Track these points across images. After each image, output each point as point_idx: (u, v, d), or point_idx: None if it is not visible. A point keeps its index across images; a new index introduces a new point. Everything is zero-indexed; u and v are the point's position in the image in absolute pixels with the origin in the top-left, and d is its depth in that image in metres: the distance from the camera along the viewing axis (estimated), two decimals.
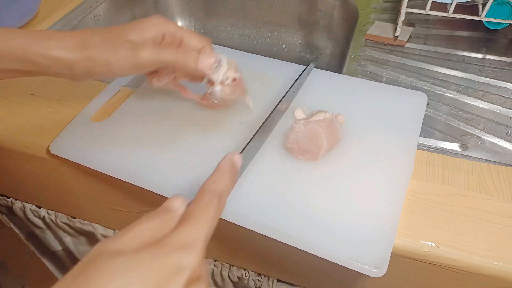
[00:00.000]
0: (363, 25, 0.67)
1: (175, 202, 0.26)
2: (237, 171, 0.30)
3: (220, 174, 0.28)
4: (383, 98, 0.49)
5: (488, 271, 0.37)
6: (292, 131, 0.41)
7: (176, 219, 0.25)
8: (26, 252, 0.79)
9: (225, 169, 0.28)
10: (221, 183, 0.27)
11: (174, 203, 0.26)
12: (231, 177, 0.28)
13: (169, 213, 0.25)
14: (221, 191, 0.27)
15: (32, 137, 0.48)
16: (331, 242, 0.35)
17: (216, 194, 0.26)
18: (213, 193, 0.26)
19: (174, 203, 0.26)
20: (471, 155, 0.45)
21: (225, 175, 0.28)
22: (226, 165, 0.29)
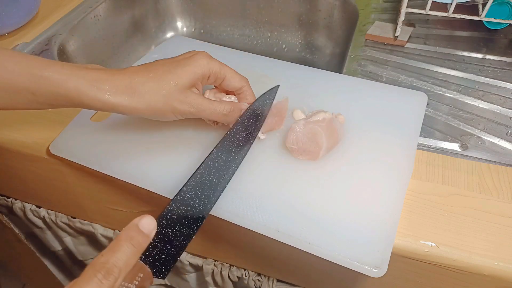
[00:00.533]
0: (363, 25, 0.67)
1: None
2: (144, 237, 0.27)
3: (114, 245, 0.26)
4: (383, 98, 0.49)
5: (488, 271, 0.37)
6: (292, 131, 0.41)
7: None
8: (26, 252, 0.79)
9: (121, 238, 0.26)
10: (113, 254, 0.25)
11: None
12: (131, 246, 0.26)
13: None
14: (113, 263, 0.25)
15: (32, 137, 0.48)
16: (331, 242, 0.35)
17: (103, 267, 0.24)
18: (98, 267, 0.24)
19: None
20: (471, 155, 0.45)
21: (119, 245, 0.26)
22: (123, 233, 0.27)
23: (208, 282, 0.59)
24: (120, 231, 0.59)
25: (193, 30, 0.92)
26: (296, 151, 0.41)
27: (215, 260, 0.56)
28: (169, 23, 0.90)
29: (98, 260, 0.25)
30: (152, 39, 0.87)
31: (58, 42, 0.64)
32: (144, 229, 0.27)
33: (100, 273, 0.24)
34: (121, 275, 0.25)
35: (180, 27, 0.91)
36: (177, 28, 0.91)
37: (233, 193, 0.39)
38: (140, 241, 0.27)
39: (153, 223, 0.28)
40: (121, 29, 0.79)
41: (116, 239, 0.26)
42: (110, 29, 0.76)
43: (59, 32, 0.66)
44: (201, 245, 0.54)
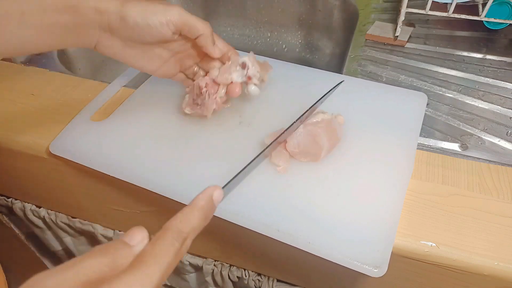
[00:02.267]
0: (363, 25, 0.67)
1: (135, 236, 0.24)
2: (214, 209, 0.27)
3: (191, 212, 0.25)
4: (383, 98, 0.49)
5: (488, 271, 0.37)
6: (292, 135, 0.41)
7: (131, 258, 0.23)
8: (26, 252, 0.79)
9: (199, 207, 0.26)
10: (190, 222, 0.25)
11: (135, 238, 0.24)
12: (204, 216, 0.26)
13: (125, 249, 0.23)
14: (188, 232, 0.24)
15: (32, 137, 0.48)
16: (331, 242, 0.35)
17: (181, 235, 0.24)
18: (177, 234, 0.24)
19: (134, 238, 0.24)
20: (471, 155, 0.45)
21: (197, 214, 0.25)
22: (202, 202, 0.26)
23: (208, 282, 0.59)
24: (120, 230, 0.59)
25: None
26: (298, 154, 0.41)
27: (215, 260, 0.56)
28: None
29: (176, 225, 0.24)
30: None
31: None
32: (216, 201, 0.27)
33: (178, 241, 0.24)
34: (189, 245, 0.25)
35: None
36: None
37: (233, 193, 0.39)
38: (210, 213, 0.27)
39: (222, 196, 0.28)
40: None
41: (192, 206, 0.26)
42: None
43: None
44: (201, 245, 0.54)
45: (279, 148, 0.42)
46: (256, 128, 0.46)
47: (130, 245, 0.23)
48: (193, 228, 0.25)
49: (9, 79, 0.56)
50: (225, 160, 0.42)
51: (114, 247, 0.23)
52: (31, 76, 0.57)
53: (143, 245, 0.24)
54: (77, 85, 0.55)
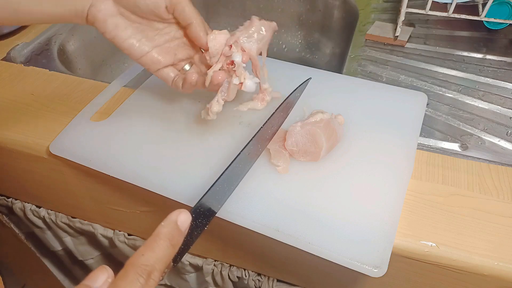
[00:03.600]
0: (363, 25, 0.67)
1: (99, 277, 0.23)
2: (181, 235, 0.26)
3: (153, 242, 0.24)
4: (383, 98, 0.49)
5: (488, 271, 0.37)
6: (289, 134, 0.41)
7: None
8: (26, 252, 0.79)
9: (161, 236, 0.25)
10: (153, 254, 0.24)
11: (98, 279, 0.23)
12: (169, 244, 0.25)
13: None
14: (153, 265, 0.23)
15: (32, 137, 0.48)
16: (331, 242, 0.35)
17: (145, 270, 0.23)
18: (140, 269, 0.23)
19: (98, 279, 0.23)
20: (471, 155, 0.45)
21: (159, 244, 0.24)
22: (164, 230, 0.25)
23: (208, 282, 0.59)
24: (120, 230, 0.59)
25: None
26: (297, 153, 0.41)
27: (215, 260, 0.56)
28: None
29: (138, 260, 0.23)
30: None
31: (58, 42, 0.64)
32: (182, 226, 0.26)
33: (142, 277, 0.23)
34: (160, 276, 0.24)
35: None
36: None
37: (233, 193, 0.39)
38: (178, 239, 0.26)
39: (189, 220, 0.27)
40: None
41: (155, 236, 0.25)
42: None
43: (59, 32, 0.66)
44: (201, 245, 0.54)
45: (278, 148, 0.42)
46: (256, 128, 0.46)
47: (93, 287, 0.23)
48: (158, 259, 0.24)
49: (9, 79, 0.56)
50: (225, 160, 0.42)
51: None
52: (31, 76, 0.57)
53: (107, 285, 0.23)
54: (77, 85, 0.55)
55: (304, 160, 0.42)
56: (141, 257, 0.23)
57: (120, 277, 0.23)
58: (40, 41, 0.64)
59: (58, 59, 0.61)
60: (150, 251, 0.24)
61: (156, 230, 0.25)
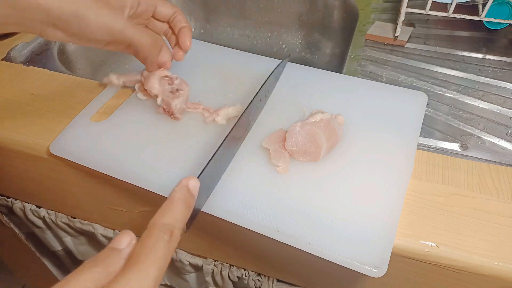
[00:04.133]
0: (363, 25, 0.67)
1: (122, 240, 0.24)
2: (193, 198, 0.28)
3: (171, 205, 0.26)
4: (383, 98, 0.49)
5: (488, 271, 0.37)
6: (289, 134, 0.41)
7: (122, 261, 0.23)
8: (26, 252, 0.79)
9: (176, 199, 0.27)
10: (172, 215, 0.26)
11: (122, 242, 0.24)
12: (185, 207, 0.27)
13: (115, 254, 0.23)
14: (173, 224, 0.25)
15: (32, 137, 0.48)
16: (331, 242, 0.35)
17: (166, 229, 0.25)
18: (162, 228, 0.24)
19: (121, 242, 0.24)
20: (471, 155, 0.45)
21: (177, 206, 0.26)
22: (178, 194, 0.27)
23: (208, 282, 0.59)
24: (120, 230, 0.59)
25: (193, 30, 0.92)
26: (297, 153, 0.41)
27: (215, 260, 0.56)
28: None
29: (160, 220, 0.25)
30: None
31: (58, 42, 0.64)
32: (193, 191, 0.29)
33: (166, 234, 0.24)
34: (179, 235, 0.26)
35: None
36: None
37: (233, 193, 0.39)
38: (191, 202, 0.28)
39: (198, 185, 0.29)
40: None
41: (171, 199, 0.27)
42: None
43: None
44: (201, 245, 0.54)
45: (278, 148, 0.42)
46: (255, 128, 0.46)
47: (119, 249, 0.24)
48: (176, 219, 0.26)
49: (9, 79, 0.56)
50: None
51: (103, 255, 0.23)
52: (31, 76, 0.57)
53: (132, 247, 0.24)
54: (77, 85, 0.55)
55: (304, 160, 0.42)
56: (162, 217, 0.25)
57: (145, 237, 0.24)
58: (40, 41, 0.64)
59: (58, 59, 0.61)
60: (170, 212, 0.26)
61: (170, 194, 0.27)
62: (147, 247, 0.23)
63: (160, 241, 0.24)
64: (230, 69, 0.54)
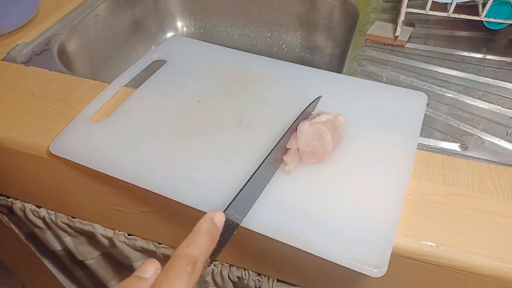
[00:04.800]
0: (363, 25, 0.67)
1: (148, 269, 0.25)
2: (218, 231, 0.29)
3: (195, 236, 0.27)
4: (383, 98, 0.49)
5: (488, 271, 0.37)
6: (300, 133, 0.40)
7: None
8: (26, 252, 0.79)
9: (202, 231, 0.27)
10: (197, 247, 0.26)
11: (148, 271, 0.25)
12: (209, 239, 0.27)
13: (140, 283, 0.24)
14: (196, 256, 0.26)
15: (32, 137, 0.48)
16: (331, 242, 0.35)
17: (190, 260, 0.25)
18: (187, 259, 0.25)
19: (147, 271, 0.25)
20: (471, 155, 0.45)
21: (201, 238, 0.27)
22: (204, 227, 0.28)
23: (208, 282, 0.59)
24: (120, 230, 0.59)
25: (193, 30, 0.92)
26: (307, 153, 0.40)
27: (215, 260, 0.56)
28: (169, 23, 0.90)
29: (184, 251, 0.26)
30: (152, 39, 0.87)
31: (58, 42, 0.64)
32: (218, 224, 0.29)
33: (189, 265, 0.25)
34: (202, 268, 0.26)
35: (180, 27, 0.91)
36: (177, 28, 0.91)
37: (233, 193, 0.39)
38: (215, 235, 0.28)
39: (224, 218, 0.30)
40: (121, 29, 0.79)
41: (196, 231, 0.27)
42: (110, 29, 0.76)
43: (59, 32, 0.66)
44: None
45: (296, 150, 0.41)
46: (256, 128, 0.46)
47: (145, 278, 0.25)
48: (200, 251, 0.26)
49: (9, 79, 0.56)
50: (225, 160, 0.42)
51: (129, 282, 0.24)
52: (31, 76, 0.57)
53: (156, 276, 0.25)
54: (77, 85, 0.55)
55: (310, 163, 0.41)
56: (186, 249, 0.26)
57: (169, 267, 0.25)
58: (40, 41, 0.64)
59: (58, 59, 0.61)
60: (193, 244, 0.26)
61: (196, 226, 0.28)
62: (170, 277, 0.24)
63: (183, 272, 0.24)
64: (230, 69, 0.54)
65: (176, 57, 0.57)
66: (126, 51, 0.81)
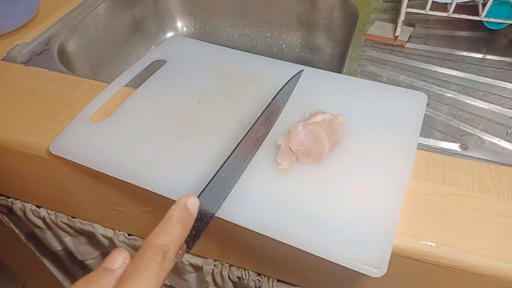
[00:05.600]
0: (363, 25, 0.67)
1: (115, 260, 0.24)
2: (191, 217, 0.28)
3: (166, 224, 0.26)
4: (383, 98, 0.49)
5: (488, 271, 0.37)
6: (293, 134, 0.41)
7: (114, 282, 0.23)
8: (26, 252, 0.79)
9: (173, 218, 0.26)
10: (167, 235, 0.25)
11: (115, 262, 0.24)
12: (181, 226, 0.26)
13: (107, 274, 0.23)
14: (168, 245, 0.24)
15: (32, 137, 0.48)
16: (331, 242, 0.35)
17: (161, 248, 0.24)
18: (156, 248, 0.24)
19: (114, 261, 0.24)
20: (471, 155, 0.45)
21: (172, 226, 0.26)
22: (175, 213, 0.26)
23: (208, 282, 0.59)
24: (120, 230, 0.59)
25: (193, 30, 0.92)
26: (302, 153, 0.41)
27: (215, 260, 0.56)
28: (169, 23, 0.90)
29: (154, 240, 0.25)
30: (152, 39, 0.87)
31: (58, 42, 0.64)
32: (191, 209, 0.28)
33: (159, 255, 0.24)
34: (174, 256, 0.25)
35: (180, 27, 0.91)
36: (177, 28, 0.91)
37: (233, 193, 0.39)
38: (189, 221, 0.27)
39: (197, 203, 0.28)
40: (121, 29, 0.79)
41: (167, 218, 0.26)
42: (110, 29, 0.76)
43: (59, 32, 0.66)
44: (201, 245, 0.54)
45: (287, 148, 0.41)
46: None
47: (112, 269, 0.24)
48: (172, 239, 0.25)
49: (9, 79, 0.56)
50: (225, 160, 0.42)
51: (96, 274, 0.23)
52: (31, 76, 0.57)
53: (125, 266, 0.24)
54: (77, 85, 0.55)
55: (308, 162, 0.41)
56: (156, 238, 0.25)
57: (138, 257, 0.24)
58: (40, 41, 0.64)
59: (58, 59, 0.61)
60: (164, 232, 0.25)
61: (167, 213, 0.26)
62: (139, 268, 0.23)
63: (153, 262, 0.23)
64: (230, 69, 0.54)
65: (176, 57, 0.57)
66: (126, 51, 0.81)
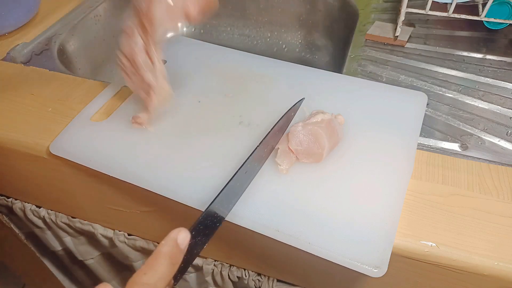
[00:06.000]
0: (363, 25, 0.67)
1: None
2: (181, 253, 0.27)
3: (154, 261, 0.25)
4: (383, 98, 0.49)
5: (488, 271, 0.37)
6: (292, 134, 0.41)
7: None
8: (26, 252, 0.79)
9: (162, 255, 0.25)
10: (156, 273, 0.24)
11: None
12: (169, 263, 0.25)
13: None
14: (155, 284, 0.24)
15: (32, 137, 0.48)
16: (331, 242, 0.35)
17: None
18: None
19: None
20: (471, 155, 0.45)
21: (160, 263, 0.25)
22: (164, 249, 0.25)
23: (208, 282, 0.59)
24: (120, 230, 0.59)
25: (193, 30, 0.92)
26: (301, 154, 0.41)
27: (215, 260, 0.56)
28: None
29: (140, 279, 0.24)
30: None
31: (58, 42, 0.64)
32: (181, 244, 0.27)
33: None
34: None
35: (180, 27, 0.91)
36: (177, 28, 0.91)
37: None
38: (178, 257, 0.26)
39: (188, 238, 0.28)
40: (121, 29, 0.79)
41: (156, 254, 0.25)
42: (110, 29, 0.76)
43: (59, 32, 0.66)
44: None
45: (286, 149, 0.41)
46: (256, 128, 0.46)
47: None
48: (159, 278, 0.24)
49: (9, 79, 0.56)
50: (225, 160, 0.42)
51: None
52: (31, 76, 0.57)
53: None
54: (77, 85, 0.55)
55: (308, 162, 0.41)
56: (143, 276, 0.24)
57: None
58: (40, 41, 0.64)
59: (58, 59, 0.61)
60: (152, 270, 0.24)
61: (156, 249, 0.26)
62: None
63: None
64: (230, 69, 0.54)
65: (176, 57, 0.57)
66: None
